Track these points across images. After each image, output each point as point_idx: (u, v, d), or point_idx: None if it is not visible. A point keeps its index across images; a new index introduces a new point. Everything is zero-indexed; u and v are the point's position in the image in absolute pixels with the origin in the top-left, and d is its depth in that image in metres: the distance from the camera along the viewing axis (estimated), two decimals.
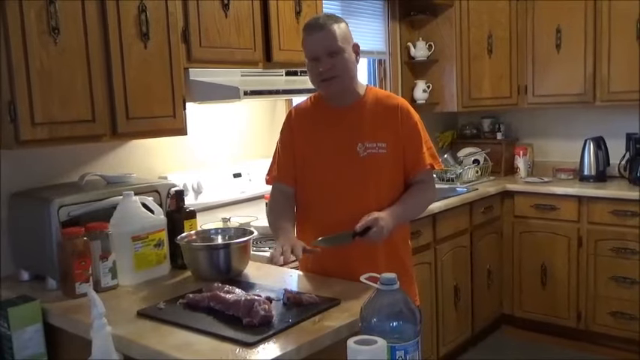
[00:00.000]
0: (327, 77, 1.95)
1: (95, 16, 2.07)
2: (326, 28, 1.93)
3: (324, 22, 1.95)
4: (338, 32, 1.94)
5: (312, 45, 1.96)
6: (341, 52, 1.93)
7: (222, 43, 2.52)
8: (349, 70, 1.97)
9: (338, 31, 1.94)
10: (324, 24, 1.94)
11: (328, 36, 1.93)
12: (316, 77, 1.98)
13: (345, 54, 1.95)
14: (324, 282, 1.95)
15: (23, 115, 1.89)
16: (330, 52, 1.93)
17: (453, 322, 3.56)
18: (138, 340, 1.53)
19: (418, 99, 4.21)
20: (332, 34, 1.93)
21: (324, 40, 1.93)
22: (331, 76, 1.95)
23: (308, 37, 1.97)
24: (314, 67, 1.97)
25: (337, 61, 1.93)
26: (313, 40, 1.95)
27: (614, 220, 3.60)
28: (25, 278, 2.14)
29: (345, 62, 1.95)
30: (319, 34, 1.94)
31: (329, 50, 1.93)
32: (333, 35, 1.93)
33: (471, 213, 3.72)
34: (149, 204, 2.13)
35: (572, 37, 3.90)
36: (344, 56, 1.94)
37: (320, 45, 1.94)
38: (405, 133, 2.01)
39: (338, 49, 1.93)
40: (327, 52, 1.93)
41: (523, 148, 4.36)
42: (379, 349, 1.11)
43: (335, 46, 1.93)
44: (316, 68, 1.96)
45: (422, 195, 2.07)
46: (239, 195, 2.95)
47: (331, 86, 1.98)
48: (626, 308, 3.60)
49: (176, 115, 2.35)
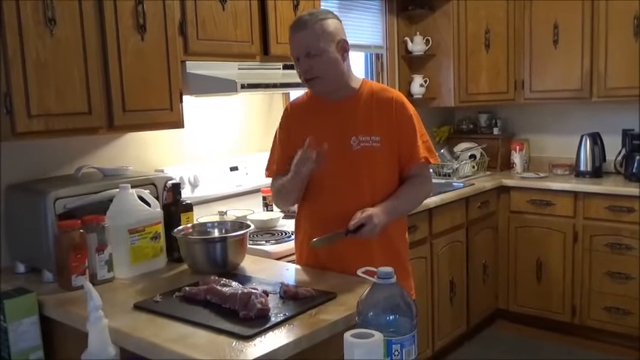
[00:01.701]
0: (308, 78, 1.96)
1: (92, 7, 2.06)
2: (308, 28, 1.92)
3: (307, 20, 1.93)
4: (320, 32, 1.92)
5: (293, 45, 1.97)
6: (320, 53, 1.92)
7: (219, 36, 2.51)
8: (330, 71, 1.96)
9: (321, 30, 1.92)
10: (306, 22, 1.93)
11: (308, 36, 1.91)
12: (299, 76, 2.00)
13: (326, 54, 1.93)
14: (321, 275, 1.96)
15: (19, 107, 1.89)
16: (308, 54, 1.92)
17: (448, 316, 3.58)
18: (134, 332, 1.53)
19: (415, 94, 4.20)
20: (313, 35, 1.91)
21: (303, 41, 1.92)
22: (310, 77, 1.95)
23: (291, 36, 1.97)
24: (296, 66, 1.99)
25: (315, 62, 1.92)
26: (294, 39, 1.96)
27: (609, 215, 3.61)
28: (21, 271, 2.14)
29: (324, 64, 1.93)
30: (299, 34, 1.93)
31: (306, 52, 1.92)
32: (314, 36, 1.91)
33: (467, 208, 3.73)
34: (146, 197, 2.12)
35: (569, 33, 3.90)
36: (323, 58, 1.92)
37: (299, 46, 1.94)
38: (399, 126, 2.01)
39: (316, 51, 1.91)
40: (305, 53, 1.93)
41: (519, 144, 4.37)
42: (376, 343, 1.11)
43: (314, 47, 1.91)
44: (297, 67, 1.98)
45: (416, 189, 2.07)
46: (236, 188, 2.95)
47: (313, 87, 2.00)
48: (620, 303, 3.61)
49: (173, 108, 2.34)
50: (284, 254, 2.40)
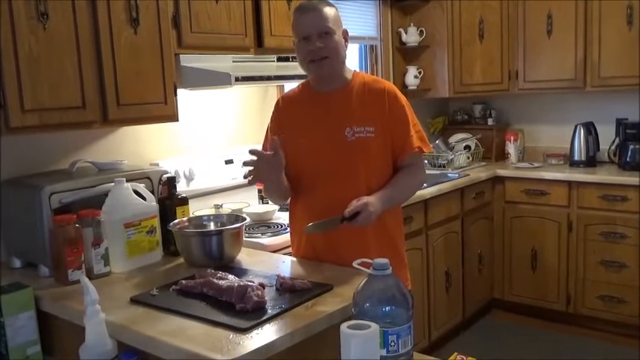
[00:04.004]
0: (317, 57, 1.95)
1: (84, 1, 2.05)
2: (318, 9, 1.95)
3: (316, 3, 1.96)
4: (331, 14, 1.96)
5: (304, 24, 1.96)
6: (332, 33, 1.95)
7: (213, 28, 2.50)
8: (339, 53, 1.98)
9: (331, 13, 1.96)
10: (315, 5, 1.96)
11: (320, 16, 1.94)
12: (305, 57, 1.97)
13: (336, 36, 1.96)
14: (317, 267, 1.96)
15: (12, 102, 1.88)
16: (321, 32, 1.93)
17: (444, 306, 3.59)
18: (131, 326, 1.53)
19: (409, 85, 4.20)
20: (324, 15, 1.94)
21: (315, 20, 1.94)
22: (321, 56, 1.95)
23: (300, 17, 1.97)
24: (304, 47, 1.96)
25: (328, 41, 1.94)
26: (305, 19, 1.96)
27: (603, 204, 3.63)
28: (17, 266, 2.14)
29: (335, 44, 1.96)
30: (311, 14, 1.95)
31: (320, 30, 1.93)
32: (325, 16, 1.94)
33: (462, 198, 3.74)
34: (141, 191, 2.12)
35: (562, 23, 3.90)
36: (334, 38, 1.95)
37: (311, 24, 1.94)
38: (392, 116, 2.01)
39: (329, 29, 1.94)
40: (318, 31, 1.93)
41: (514, 134, 4.38)
42: (372, 334, 1.12)
43: (326, 26, 1.94)
44: (306, 47, 1.95)
45: (410, 178, 2.08)
46: (231, 181, 2.95)
47: (321, 67, 1.98)
48: (614, 292, 3.64)
49: (167, 101, 2.34)
50: (280, 247, 2.41)
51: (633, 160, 3.75)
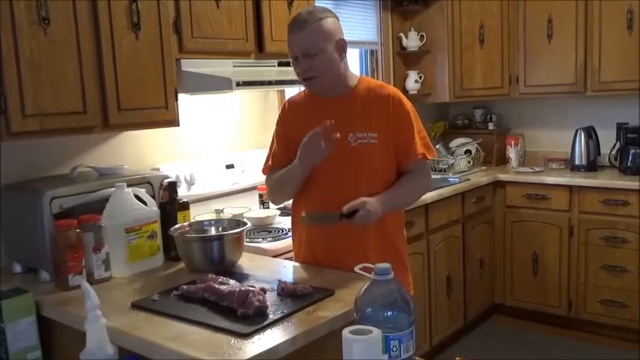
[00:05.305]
0: (306, 77, 1.96)
1: (85, 6, 2.05)
2: (306, 27, 1.91)
3: (306, 19, 1.93)
4: (319, 31, 1.92)
5: (291, 44, 1.96)
6: (318, 53, 1.92)
7: (214, 33, 2.50)
8: (329, 71, 1.96)
9: (319, 29, 1.92)
10: (305, 22, 1.92)
11: (306, 36, 1.91)
12: (297, 75, 2.00)
13: (324, 54, 1.93)
14: (318, 272, 1.96)
15: (14, 107, 1.88)
16: (306, 54, 1.92)
17: (445, 311, 3.59)
18: (132, 331, 1.53)
19: (410, 90, 4.21)
20: (312, 35, 1.91)
21: (301, 41, 1.92)
22: (309, 76, 1.96)
23: (290, 36, 1.97)
24: (294, 65, 1.99)
25: (314, 62, 1.93)
26: (292, 39, 1.95)
27: (604, 209, 3.63)
28: (18, 271, 2.13)
29: (323, 63, 1.93)
30: (298, 34, 1.93)
31: (305, 52, 1.92)
32: (313, 35, 1.91)
33: (463, 203, 3.74)
34: (142, 195, 2.12)
35: (563, 27, 3.90)
36: (321, 58, 1.93)
37: (297, 45, 1.94)
38: (396, 123, 2.01)
39: (315, 50, 1.91)
40: (303, 53, 1.93)
41: (514, 138, 4.38)
42: (374, 339, 1.12)
43: (312, 47, 1.91)
44: (296, 67, 1.98)
45: (413, 183, 2.07)
46: (232, 186, 2.95)
47: (311, 86, 2.00)
48: (616, 296, 3.63)
49: (168, 106, 2.34)
50: (281, 251, 2.41)
51: (634, 165, 3.74)
